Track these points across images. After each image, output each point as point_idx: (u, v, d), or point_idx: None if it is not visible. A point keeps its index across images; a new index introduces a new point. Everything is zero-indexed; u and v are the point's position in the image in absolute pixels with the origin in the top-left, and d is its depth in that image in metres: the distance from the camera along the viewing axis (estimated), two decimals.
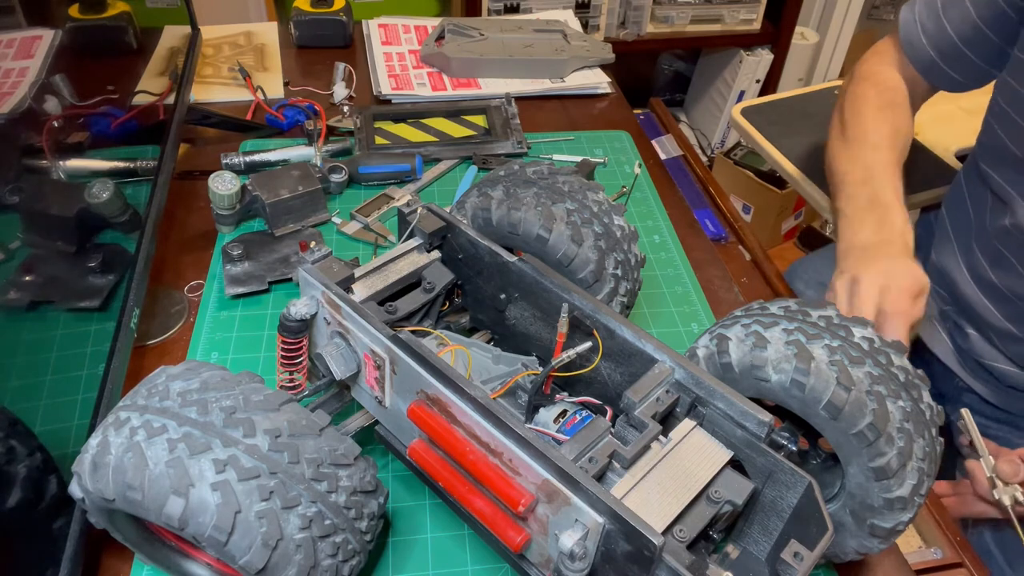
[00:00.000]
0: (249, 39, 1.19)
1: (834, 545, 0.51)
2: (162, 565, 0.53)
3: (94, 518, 0.48)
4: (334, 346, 0.53)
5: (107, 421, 0.46)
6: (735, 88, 2.15)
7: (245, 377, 0.47)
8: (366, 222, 0.84)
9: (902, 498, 0.46)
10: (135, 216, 0.70)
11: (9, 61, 0.56)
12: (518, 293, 0.58)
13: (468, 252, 0.60)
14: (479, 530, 0.50)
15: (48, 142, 0.61)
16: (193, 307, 0.75)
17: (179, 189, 0.88)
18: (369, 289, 0.56)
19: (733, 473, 0.46)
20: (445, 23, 1.18)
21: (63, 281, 0.61)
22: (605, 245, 0.61)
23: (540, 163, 0.66)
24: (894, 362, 0.48)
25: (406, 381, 0.49)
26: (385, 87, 1.07)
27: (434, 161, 0.95)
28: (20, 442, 0.48)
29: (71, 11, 0.70)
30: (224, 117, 1.00)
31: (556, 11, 1.33)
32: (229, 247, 0.77)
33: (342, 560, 0.46)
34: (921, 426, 0.47)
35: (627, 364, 0.52)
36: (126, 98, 0.79)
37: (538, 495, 0.43)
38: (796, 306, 0.53)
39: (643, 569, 0.39)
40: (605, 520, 0.40)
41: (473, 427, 0.45)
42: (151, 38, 0.90)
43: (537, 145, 1.00)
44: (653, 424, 0.45)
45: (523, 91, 1.10)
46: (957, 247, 0.90)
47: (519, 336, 0.60)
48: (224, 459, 0.42)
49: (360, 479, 0.47)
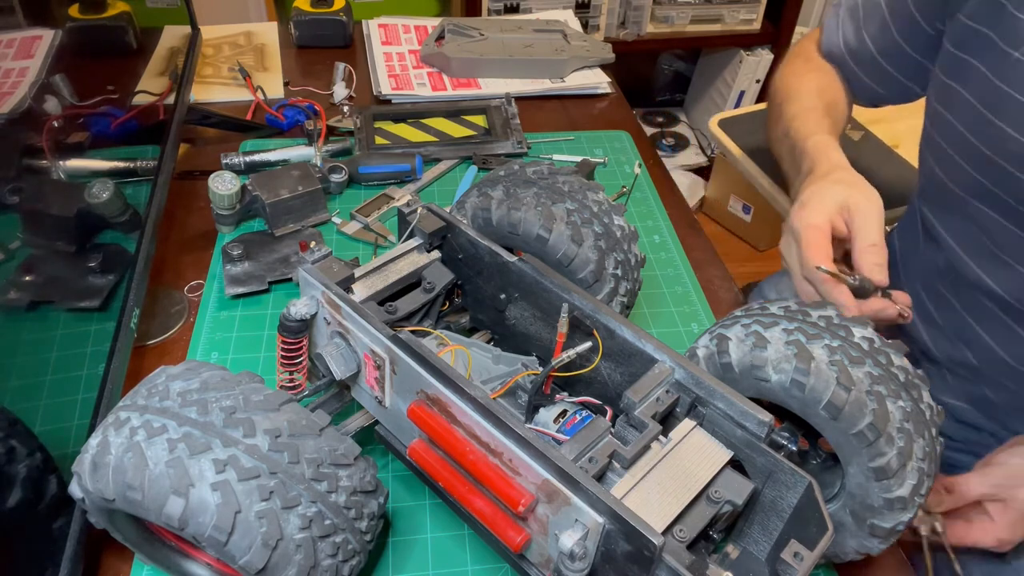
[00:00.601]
0: (249, 39, 1.19)
1: (834, 545, 0.51)
2: (162, 565, 0.53)
3: (94, 518, 0.48)
4: (334, 346, 0.53)
5: (107, 421, 0.46)
6: (735, 88, 2.15)
7: (245, 377, 0.47)
8: (366, 222, 0.84)
9: (902, 498, 0.46)
10: (135, 216, 0.70)
11: (9, 61, 0.56)
12: (518, 293, 0.58)
13: (468, 252, 0.60)
14: (479, 530, 0.50)
15: (48, 142, 0.61)
16: (193, 307, 0.75)
17: (179, 189, 0.88)
18: (369, 289, 0.56)
19: (733, 473, 0.46)
20: (445, 23, 1.18)
21: (63, 281, 0.61)
22: (605, 245, 0.61)
23: (540, 163, 0.66)
24: (894, 362, 0.48)
25: (406, 381, 0.49)
26: (385, 87, 1.07)
27: (434, 161, 0.95)
28: (20, 442, 0.48)
29: (71, 11, 0.70)
30: (224, 117, 1.00)
31: (556, 11, 1.33)
32: (229, 247, 0.77)
33: (342, 560, 0.46)
34: (921, 426, 0.47)
35: (627, 364, 0.52)
36: (126, 98, 0.79)
37: (538, 495, 0.43)
38: (796, 306, 0.53)
39: (643, 569, 0.39)
40: (605, 520, 0.40)
41: (473, 427, 0.45)
42: (151, 38, 0.90)
43: (537, 145, 1.00)
44: (653, 424, 0.45)
45: (523, 91, 1.10)
46: (904, 276, 0.84)
47: (519, 336, 0.60)
48: (224, 459, 0.42)
49: (360, 479, 0.47)
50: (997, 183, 0.65)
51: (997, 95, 0.62)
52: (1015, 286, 0.68)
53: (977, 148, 0.65)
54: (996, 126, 0.63)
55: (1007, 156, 0.63)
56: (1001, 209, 0.66)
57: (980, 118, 0.64)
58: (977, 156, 0.65)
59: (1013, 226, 0.66)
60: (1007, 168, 0.63)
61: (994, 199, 0.66)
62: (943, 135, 0.70)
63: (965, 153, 0.67)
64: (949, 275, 0.75)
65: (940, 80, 0.70)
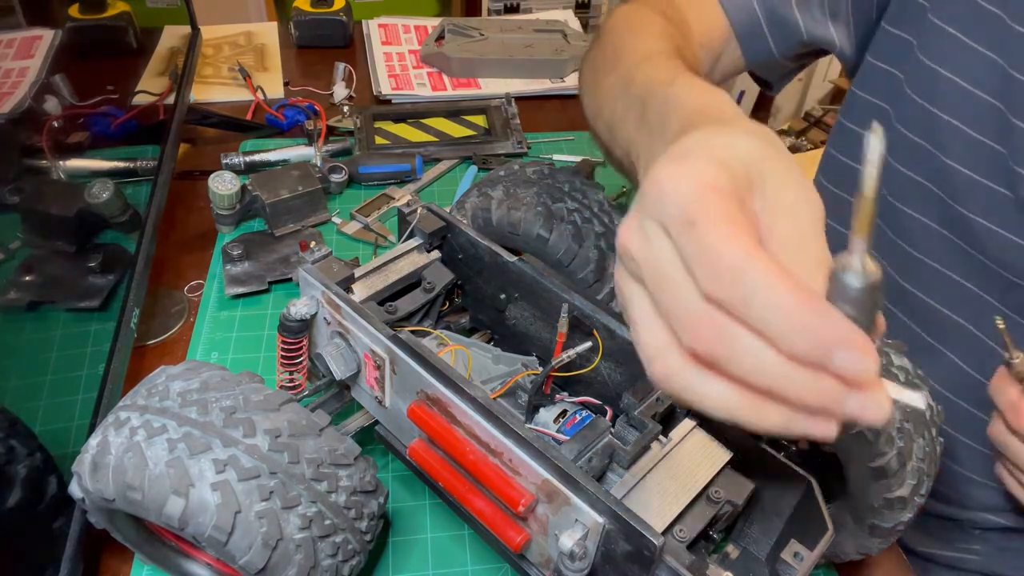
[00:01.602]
0: (249, 39, 1.19)
1: (834, 545, 0.51)
2: (162, 565, 0.53)
3: (94, 518, 0.48)
4: (334, 346, 0.53)
5: (107, 421, 0.46)
6: (735, 88, 2.15)
7: (245, 377, 0.47)
8: (366, 222, 0.84)
9: (902, 498, 0.46)
10: (135, 216, 0.70)
11: (9, 61, 0.56)
12: (518, 293, 0.58)
13: (468, 252, 0.60)
14: (479, 530, 0.50)
15: (48, 142, 0.61)
16: (193, 307, 0.75)
17: (179, 189, 0.88)
18: (369, 289, 0.56)
19: (733, 473, 0.46)
20: (445, 23, 1.18)
21: (63, 281, 0.61)
22: (605, 245, 0.61)
23: (540, 163, 0.66)
24: (894, 362, 0.48)
25: (406, 381, 0.49)
26: (385, 87, 1.07)
27: (434, 161, 0.95)
28: (20, 442, 0.48)
29: (71, 11, 0.70)
30: (224, 117, 1.00)
31: (556, 11, 1.33)
32: (229, 247, 0.77)
33: (342, 560, 0.46)
34: (921, 426, 0.47)
35: (627, 364, 0.52)
36: (126, 98, 0.79)
37: (538, 495, 0.43)
38: None
39: (643, 569, 0.39)
40: (605, 520, 0.40)
41: (473, 427, 0.45)
42: (151, 38, 0.90)
43: (537, 145, 1.00)
44: (653, 424, 0.45)
45: (523, 91, 1.10)
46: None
47: (519, 336, 0.60)
48: (224, 459, 0.42)
49: (360, 479, 0.47)
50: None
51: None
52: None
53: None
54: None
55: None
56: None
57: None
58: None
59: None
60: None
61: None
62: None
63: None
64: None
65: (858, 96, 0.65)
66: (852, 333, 0.24)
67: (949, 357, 0.64)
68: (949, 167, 0.58)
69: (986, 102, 0.55)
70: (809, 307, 0.25)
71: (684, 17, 0.65)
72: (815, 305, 0.25)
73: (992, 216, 0.57)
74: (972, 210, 0.57)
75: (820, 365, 0.25)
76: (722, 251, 0.26)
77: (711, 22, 0.67)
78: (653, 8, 0.64)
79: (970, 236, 0.58)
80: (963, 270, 0.60)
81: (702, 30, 0.66)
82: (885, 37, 0.62)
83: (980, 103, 0.55)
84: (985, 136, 0.55)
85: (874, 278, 0.25)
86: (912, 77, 0.60)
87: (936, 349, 0.65)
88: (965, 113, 0.56)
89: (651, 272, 0.29)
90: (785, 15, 0.66)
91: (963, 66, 0.56)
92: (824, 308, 0.25)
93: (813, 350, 0.25)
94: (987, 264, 0.58)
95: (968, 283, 0.60)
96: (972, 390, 0.62)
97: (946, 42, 0.56)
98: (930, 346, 0.65)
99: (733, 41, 0.68)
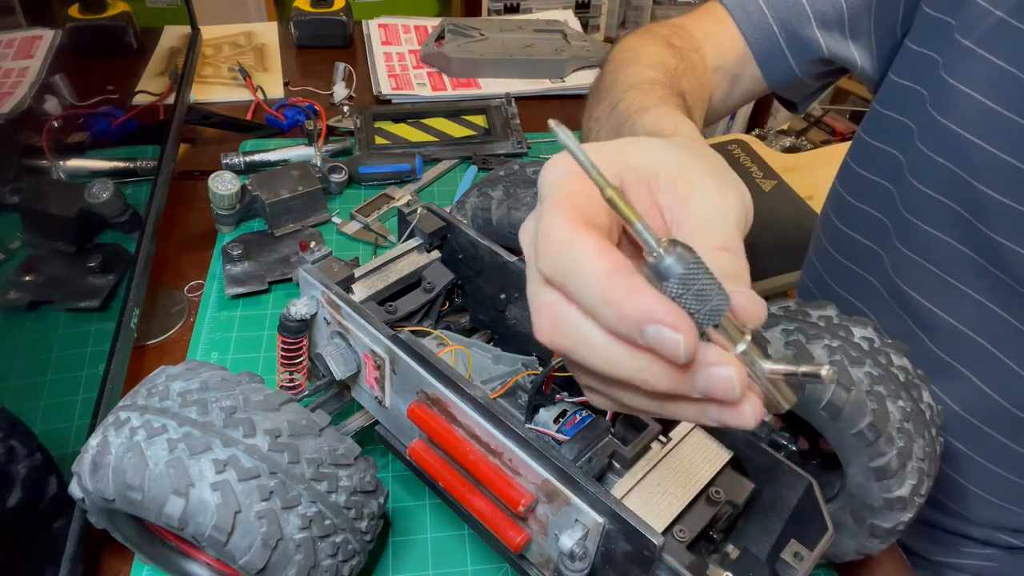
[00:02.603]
0: (249, 39, 1.19)
1: (834, 545, 0.51)
2: (162, 565, 0.53)
3: (94, 518, 0.48)
4: (334, 346, 0.53)
5: (107, 421, 0.46)
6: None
7: (245, 377, 0.47)
8: (366, 222, 0.84)
9: (902, 498, 0.46)
10: (135, 216, 0.70)
11: (9, 61, 0.56)
12: (518, 293, 0.58)
13: (468, 252, 0.60)
14: (479, 530, 0.50)
15: (48, 142, 0.61)
16: (193, 307, 0.75)
17: (179, 189, 0.88)
18: (369, 289, 0.56)
19: (733, 473, 0.46)
20: (445, 23, 1.18)
21: (63, 281, 0.61)
22: None
23: (540, 163, 0.66)
24: (894, 362, 0.48)
25: (406, 381, 0.49)
26: (385, 87, 1.07)
27: (434, 161, 0.95)
28: (20, 442, 0.48)
29: (71, 11, 0.70)
30: (224, 117, 1.00)
31: (556, 11, 1.33)
32: (229, 247, 0.77)
33: (342, 560, 0.46)
34: (921, 426, 0.47)
35: None
36: (126, 98, 0.79)
37: (538, 495, 0.43)
38: (796, 306, 0.53)
39: (643, 569, 0.39)
40: (605, 520, 0.40)
41: (473, 427, 0.45)
42: (151, 38, 0.90)
43: (537, 145, 1.00)
44: (653, 424, 0.45)
45: (523, 91, 1.10)
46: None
47: (519, 336, 0.60)
48: (224, 459, 0.42)
49: (360, 479, 0.47)
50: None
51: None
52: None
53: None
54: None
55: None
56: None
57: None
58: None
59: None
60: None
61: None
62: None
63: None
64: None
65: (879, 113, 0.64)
66: (662, 310, 0.24)
67: (970, 379, 0.62)
68: (974, 188, 0.56)
69: (1014, 122, 0.53)
70: (616, 281, 0.25)
71: (695, 43, 0.66)
72: (623, 280, 0.25)
73: (1019, 238, 0.56)
74: (998, 232, 0.56)
75: (632, 340, 0.25)
76: (551, 227, 0.27)
77: (726, 44, 0.68)
78: (657, 36, 0.66)
79: (996, 258, 0.57)
80: (988, 292, 0.59)
81: (716, 52, 0.67)
82: (908, 55, 0.61)
83: (1007, 123, 0.54)
84: (1013, 157, 0.54)
85: (672, 258, 0.25)
86: (936, 96, 0.58)
87: (957, 370, 0.63)
88: (991, 133, 0.55)
89: (523, 245, 0.31)
90: (804, 35, 0.65)
91: (990, 86, 0.54)
92: (633, 283, 0.25)
93: (620, 322, 0.25)
94: (1014, 287, 0.57)
95: (994, 305, 0.59)
96: (992, 412, 0.62)
97: (972, 61, 0.55)
98: (950, 367, 0.63)
99: (752, 63, 0.68)
